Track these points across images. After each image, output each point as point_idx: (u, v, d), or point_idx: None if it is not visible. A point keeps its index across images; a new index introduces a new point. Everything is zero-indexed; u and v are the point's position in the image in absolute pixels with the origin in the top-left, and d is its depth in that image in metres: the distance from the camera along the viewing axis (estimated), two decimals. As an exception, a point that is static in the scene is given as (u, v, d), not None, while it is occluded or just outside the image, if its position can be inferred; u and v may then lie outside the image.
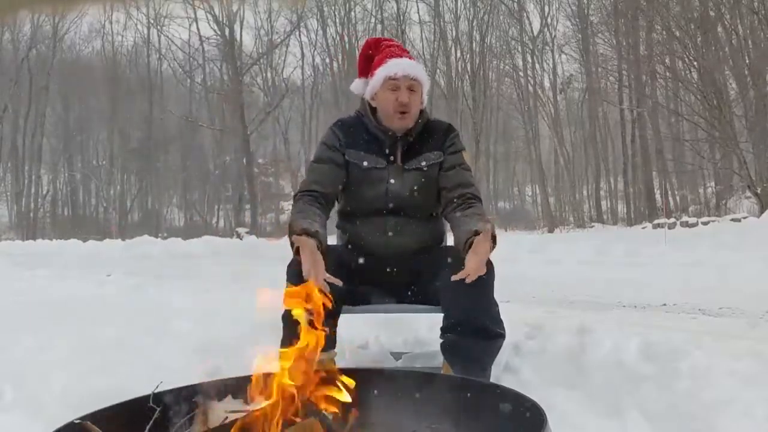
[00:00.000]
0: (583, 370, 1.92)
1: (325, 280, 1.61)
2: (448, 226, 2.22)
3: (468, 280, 1.64)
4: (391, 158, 1.98)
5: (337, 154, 1.99)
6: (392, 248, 1.96)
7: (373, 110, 2.03)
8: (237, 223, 26.77)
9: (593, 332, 2.17)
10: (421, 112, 2.03)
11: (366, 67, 2.06)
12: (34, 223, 29.12)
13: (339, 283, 1.65)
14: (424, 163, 1.98)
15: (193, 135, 30.45)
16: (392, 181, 1.96)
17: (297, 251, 1.69)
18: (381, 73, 1.96)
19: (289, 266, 1.79)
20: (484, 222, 1.77)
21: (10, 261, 9.70)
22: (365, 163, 1.97)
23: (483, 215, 1.85)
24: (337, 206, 2.09)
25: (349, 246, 2.03)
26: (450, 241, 2.15)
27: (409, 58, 2.01)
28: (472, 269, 1.65)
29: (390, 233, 1.96)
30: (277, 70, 29.49)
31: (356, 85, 2.09)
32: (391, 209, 1.96)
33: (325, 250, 1.73)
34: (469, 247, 1.72)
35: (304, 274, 1.61)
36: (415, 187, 1.96)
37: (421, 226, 2.00)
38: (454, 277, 1.67)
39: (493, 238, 1.73)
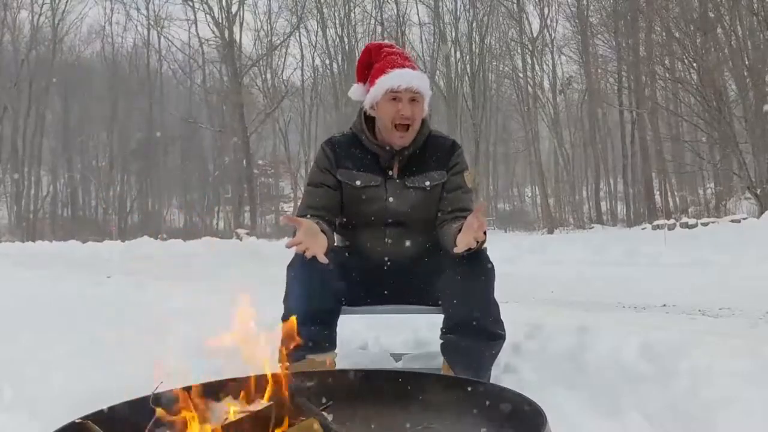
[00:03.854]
0: (583, 370, 1.92)
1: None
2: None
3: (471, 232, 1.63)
4: (389, 173, 1.93)
5: (329, 176, 1.94)
6: (391, 255, 1.95)
7: (370, 122, 1.97)
8: (236, 225, 26.75)
9: (593, 332, 2.16)
10: (423, 122, 1.95)
11: (365, 73, 1.98)
12: (33, 224, 29.07)
13: (325, 261, 1.66)
14: (427, 183, 1.92)
15: (192, 136, 30.49)
16: (390, 199, 1.91)
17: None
18: (382, 83, 1.87)
19: (290, 266, 1.80)
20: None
21: (10, 262, 9.69)
22: (358, 182, 1.92)
23: None
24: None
25: (350, 249, 2.03)
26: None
27: (412, 67, 1.90)
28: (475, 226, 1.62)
29: (389, 241, 1.94)
30: (276, 72, 29.56)
31: (354, 90, 2.01)
32: (390, 223, 1.93)
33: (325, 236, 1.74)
34: (459, 230, 1.71)
35: (296, 239, 1.63)
36: (416, 205, 1.92)
37: (421, 235, 1.96)
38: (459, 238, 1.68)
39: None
